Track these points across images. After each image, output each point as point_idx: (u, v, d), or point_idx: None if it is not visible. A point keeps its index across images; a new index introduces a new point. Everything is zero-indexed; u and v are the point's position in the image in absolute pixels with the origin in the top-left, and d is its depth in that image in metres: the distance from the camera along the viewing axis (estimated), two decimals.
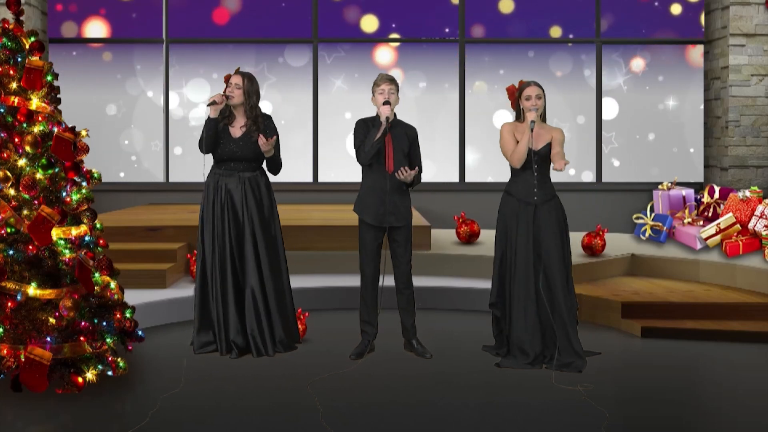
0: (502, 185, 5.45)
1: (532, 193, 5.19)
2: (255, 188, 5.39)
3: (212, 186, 5.40)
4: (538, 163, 5.19)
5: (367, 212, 5.30)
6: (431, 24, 9.65)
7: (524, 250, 5.17)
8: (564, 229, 5.23)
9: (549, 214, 5.18)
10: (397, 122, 5.37)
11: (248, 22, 9.64)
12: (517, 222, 5.20)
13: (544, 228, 5.16)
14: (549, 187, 5.25)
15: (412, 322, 5.41)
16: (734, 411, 4.42)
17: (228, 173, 5.38)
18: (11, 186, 4.55)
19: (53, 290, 4.55)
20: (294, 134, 9.61)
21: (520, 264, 5.16)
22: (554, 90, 9.27)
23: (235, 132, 5.40)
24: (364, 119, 5.36)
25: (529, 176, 5.20)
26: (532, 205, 5.19)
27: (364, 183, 5.37)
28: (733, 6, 8.91)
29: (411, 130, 5.42)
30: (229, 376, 4.90)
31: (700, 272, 7.19)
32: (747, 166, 8.97)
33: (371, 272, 5.32)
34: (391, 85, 5.28)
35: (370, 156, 5.23)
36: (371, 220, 5.29)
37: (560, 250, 5.16)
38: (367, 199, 5.31)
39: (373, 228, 5.31)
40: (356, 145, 5.30)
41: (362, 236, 5.35)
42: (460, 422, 4.13)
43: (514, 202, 5.24)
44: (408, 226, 5.36)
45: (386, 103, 5.22)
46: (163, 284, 6.60)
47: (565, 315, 5.10)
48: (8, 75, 4.68)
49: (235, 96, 5.36)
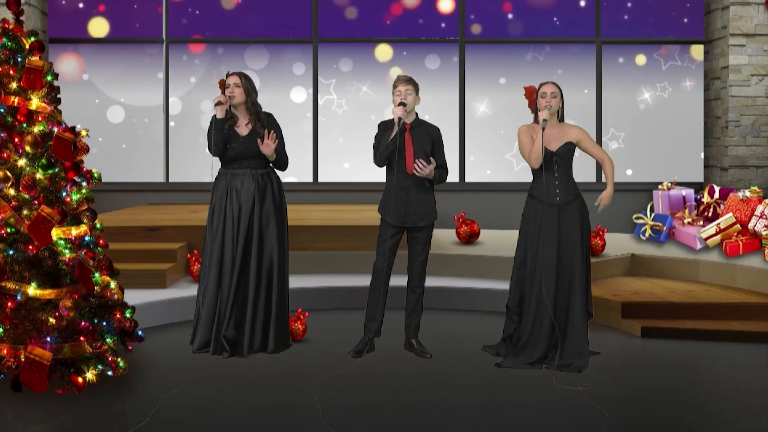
0: (503, 185, 5.46)
1: (555, 194, 5.17)
2: (268, 186, 5.41)
3: (223, 187, 5.39)
4: (558, 163, 5.18)
5: (390, 213, 5.31)
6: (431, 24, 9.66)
7: (549, 252, 5.13)
8: (587, 229, 5.21)
9: (572, 214, 5.16)
10: (419, 122, 5.38)
11: (248, 22, 9.65)
12: (541, 224, 5.17)
13: (568, 228, 5.14)
14: (572, 187, 5.22)
15: (417, 322, 5.41)
16: (734, 411, 4.42)
17: (241, 171, 5.38)
18: (11, 186, 4.55)
19: (53, 290, 4.55)
20: (294, 134, 9.61)
21: (548, 267, 5.12)
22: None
23: (241, 131, 5.42)
24: (384, 121, 5.39)
25: (550, 177, 5.18)
26: (556, 206, 5.16)
27: (387, 184, 5.38)
28: (733, 6, 8.91)
29: (433, 129, 5.41)
30: (229, 376, 4.90)
31: (700, 272, 7.19)
32: (747, 166, 8.97)
33: (382, 269, 5.32)
34: (408, 86, 5.28)
35: (384, 157, 5.24)
36: (394, 221, 5.30)
37: (582, 252, 5.15)
38: (390, 200, 5.32)
39: (394, 227, 5.32)
40: (374, 147, 5.32)
41: (382, 234, 5.35)
42: (460, 422, 4.13)
43: (537, 204, 5.22)
44: (430, 227, 5.38)
45: (401, 104, 5.23)
46: (163, 284, 6.59)
47: (581, 317, 5.10)
48: (8, 75, 4.68)
49: (236, 95, 5.37)
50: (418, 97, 5.33)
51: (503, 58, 9.65)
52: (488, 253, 7.38)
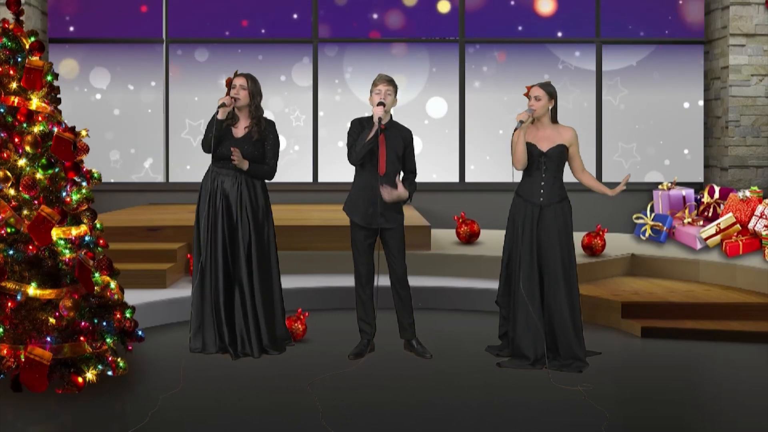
0: (502, 185, 5.46)
1: (538, 194, 5.17)
2: (251, 188, 5.39)
3: (209, 185, 5.39)
4: (547, 164, 5.17)
5: (357, 213, 5.29)
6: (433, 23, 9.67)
7: (528, 251, 5.15)
8: (568, 232, 5.18)
9: (554, 216, 5.15)
10: (393, 124, 5.33)
11: (248, 22, 9.65)
12: (523, 223, 5.18)
13: (546, 230, 5.14)
14: (557, 189, 5.19)
15: (410, 322, 5.39)
16: (734, 411, 4.42)
17: (225, 171, 5.38)
18: (11, 186, 4.55)
19: (53, 290, 4.55)
20: (293, 133, 9.61)
21: (525, 266, 5.14)
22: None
23: (237, 132, 5.41)
24: (359, 118, 5.34)
25: (537, 177, 5.18)
26: (538, 206, 5.16)
27: (355, 183, 5.35)
28: (733, 6, 8.91)
29: (406, 132, 5.37)
30: (229, 376, 4.90)
31: (700, 272, 7.19)
32: (747, 166, 8.97)
33: (365, 272, 5.32)
34: (389, 87, 5.24)
35: (361, 156, 5.21)
36: (360, 221, 5.28)
37: (560, 254, 5.13)
38: (357, 199, 5.30)
39: (363, 228, 5.30)
40: (348, 144, 5.28)
41: (353, 236, 5.34)
42: (460, 422, 4.13)
43: (521, 202, 5.23)
44: (399, 228, 5.32)
45: (380, 104, 5.19)
46: (163, 284, 6.60)
47: (568, 320, 5.09)
48: (8, 75, 4.68)
49: (240, 97, 5.36)
50: (395, 99, 5.29)
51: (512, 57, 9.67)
52: (488, 253, 7.38)
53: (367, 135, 5.18)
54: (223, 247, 5.33)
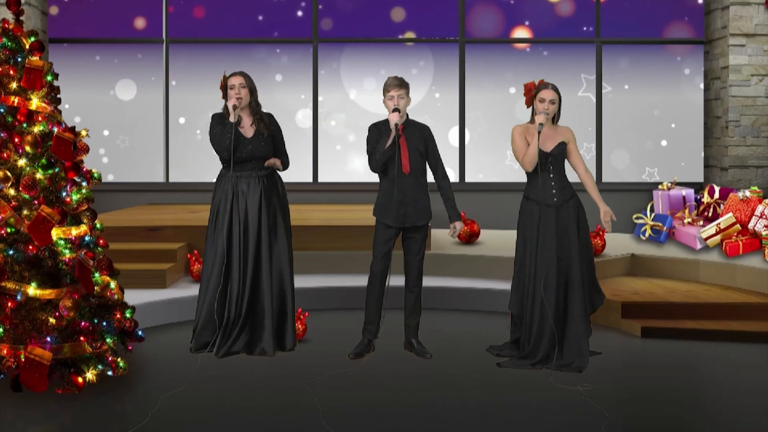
0: (502, 185, 5.46)
1: (551, 195, 5.18)
2: (272, 188, 5.43)
3: (228, 188, 5.37)
4: (553, 164, 5.18)
5: (388, 215, 5.30)
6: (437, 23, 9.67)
7: (549, 253, 5.13)
8: (584, 227, 5.21)
9: (569, 214, 5.17)
10: (410, 122, 5.38)
11: (248, 22, 9.65)
12: (539, 226, 5.17)
13: (565, 228, 5.15)
14: (567, 186, 5.23)
15: (416, 322, 5.42)
16: (734, 411, 4.43)
17: (246, 174, 5.37)
18: (11, 186, 4.55)
19: (53, 290, 4.56)
20: (293, 134, 9.61)
21: (542, 267, 5.12)
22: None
23: (246, 132, 5.41)
24: (376, 124, 5.36)
25: (546, 178, 5.19)
26: (553, 207, 5.17)
27: (381, 187, 5.37)
28: (733, 6, 8.91)
29: (425, 129, 5.41)
30: (229, 376, 4.90)
31: (700, 272, 7.19)
32: (747, 166, 8.97)
33: (381, 271, 5.32)
34: (401, 90, 5.26)
35: (381, 164, 5.24)
36: (393, 222, 5.29)
37: (581, 249, 5.15)
38: (386, 202, 5.31)
39: (391, 229, 5.31)
40: (368, 151, 5.32)
41: (378, 236, 5.34)
42: (460, 422, 4.13)
43: (533, 206, 5.22)
44: (427, 224, 5.39)
45: (395, 110, 5.21)
46: (163, 284, 6.59)
47: (580, 316, 5.10)
48: (8, 75, 4.68)
49: (243, 96, 5.37)
50: (409, 98, 5.32)
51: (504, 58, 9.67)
52: (488, 253, 7.38)
53: (385, 142, 5.21)
54: (240, 250, 5.32)
